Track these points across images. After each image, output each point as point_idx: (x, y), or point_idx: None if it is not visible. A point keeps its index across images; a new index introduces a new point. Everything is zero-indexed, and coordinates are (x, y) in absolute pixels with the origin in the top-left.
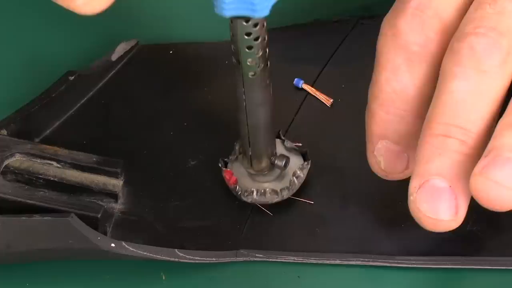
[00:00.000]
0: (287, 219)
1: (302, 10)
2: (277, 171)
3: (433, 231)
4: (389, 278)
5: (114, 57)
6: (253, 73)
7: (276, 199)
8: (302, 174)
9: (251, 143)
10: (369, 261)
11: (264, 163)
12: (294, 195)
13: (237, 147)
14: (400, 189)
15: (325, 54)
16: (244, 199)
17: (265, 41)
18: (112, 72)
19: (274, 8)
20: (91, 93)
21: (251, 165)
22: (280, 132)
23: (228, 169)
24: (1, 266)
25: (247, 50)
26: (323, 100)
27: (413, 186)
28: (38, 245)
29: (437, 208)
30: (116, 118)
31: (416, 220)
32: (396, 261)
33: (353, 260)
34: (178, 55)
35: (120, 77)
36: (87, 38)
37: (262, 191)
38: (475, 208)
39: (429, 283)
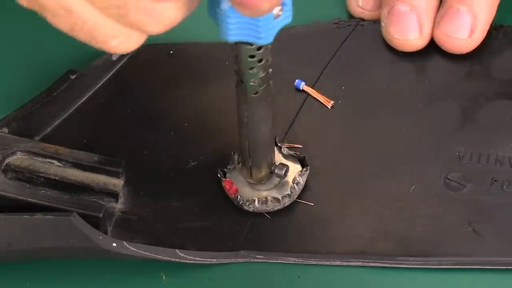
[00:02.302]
0: (287, 221)
1: (302, 12)
2: (276, 179)
3: (403, 50)
4: (389, 278)
5: (114, 57)
6: (255, 92)
7: (278, 206)
8: (302, 181)
9: (251, 155)
10: (369, 262)
11: (264, 173)
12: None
13: (235, 157)
14: (400, 189)
15: (326, 56)
16: (246, 208)
17: (268, 63)
18: (113, 72)
19: None
20: (92, 92)
21: (251, 175)
22: (276, 139)
23: (228, 179)
24: (1, 265)
25: (250, 71)
26: (323, 102)
27: (382, 14)
28: (40, 243)
29: (403, 29)
30: (117, 117)
31: (389, 43)
32: (396, 261)
33: (353, 261)
34: (178, 55)
35: (120, 76)
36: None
37: (264, 199)
38: (475, 208)
39: (429, 284)
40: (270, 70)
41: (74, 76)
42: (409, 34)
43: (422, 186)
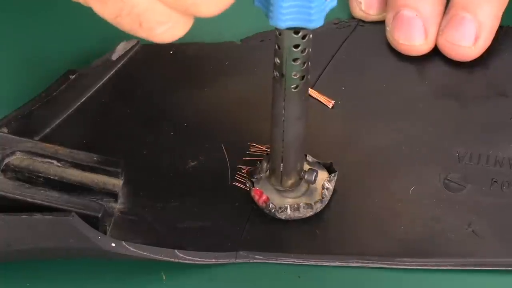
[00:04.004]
0: (286, 221)
1: None
2: (304, 187)
3: (409, 55)
4: (389, 279)
5: (114, 57)
6: (295, 86)
7: (310, 212)
8: (331, 186)
9: (284, 159)
10: (368, 262)
11: (294, 179)
12: None
13: (264, 165)
14: (399, 190)
15: (325, 57)
16: (279, 216)
17: (310, 54)
18: (112, 72)
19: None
20: (91, 92)
21: (281, 181)
22: None
23: (257, 188)
24: (1, 266)
25: (293, 62)
26: (324, 102)
27: (387, 19)
28: (39, 243)
29: (409, 34)
30: (116, 117)
31: (394, 48)
32: (395, 262)
33: (353, 262)
34: (178, 55)
35: (120, 76)
36: (88, 37)
37: (296, 206)
38: (474, 209)
39: (428, 284)
40: (309, 63)
41: (74, 76)
42: (414, 40)
43: (421, 186)
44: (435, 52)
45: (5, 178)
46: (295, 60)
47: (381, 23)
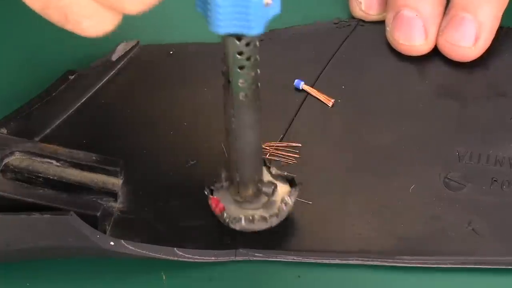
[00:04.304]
0: (286, 219)
1: (302, 12)
2: (264, 199)
3: (409, 55)
4: (389, 277)
5: (114, 57)
6: (244, 95)
7: (265, 226)
8: (290, 201)
9: (238, 169)
10: (368, 260)
11: (251, 190)
12: None
13: (223, 175)
14: (399, 188)
15: (325, 56)
16: (232, 226)
17: (257, 62)
18: (112, 72)
19: None
20: (91, 92)
21: (238, 191)
22: (266, 160)
23: (215, 197)
24: (1, 266)
25: (238, 70)
26: (323, 101)
27: (387, 19)
28: (38, 243)
29: (409, 34)
30: (116, 117)
31: (394, 48)
32: (395, 260)
33: (352, 260)
34: (178, 55)
35: (120, 77)
36: (87, 37)
37: (250, 218)
38: (474, 208)
39: (428, 283)
40: (258, 70)
41: (74, 77)
42: (415, 40)
43: (421, 185)
44: (435, 52)
45: (5, 178)
46: (241, 68)
47: (381, 23)
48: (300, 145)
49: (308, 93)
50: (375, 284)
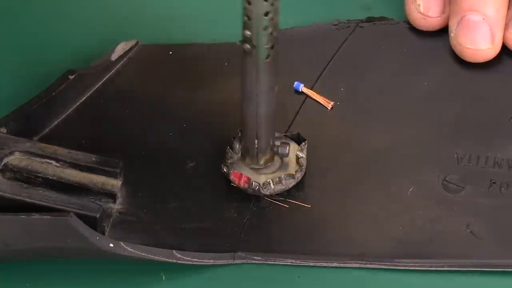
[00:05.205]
0: (285, 222)
1: (302, 13)
2: (278, 162)
3: (474, 61)
4: (387, 280)
5: (113, 57)
6: (266, 56)
7: (292, 183)
8: (304, 155)
9: (258, 136)
10: (366, 263)
11: (268, 155)
12: (291, 198)
13: (236, 146)
14: (398, 191)
15: (325, 58)
16: (263, 192)
17: (278, 22)
18: (112, 72)
19: None
20: (91, 92)
21: (256, 159)
22: None
23: (235, 171)
24: (1, 266)
25: (263, 31)
26: (323, 103)
27: (451, 24)
28: (37, 243)
29: (475, 39)
30: (115, 118)
31: (458, 53)
32: (394, 263)
33: (351, 263)
34: (178, 56)
35: (119, 77)
36: (87, 37)
37: (277, 179)
38: (473, 211)
39: (426, 286)
40: (277, 31)
41: (73, 76)
42: (481, 44)
43: (420, 188)
44: (434, 53)
45: (4, 178)
46: (265, 28)
47: (381, 24)
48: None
49: (307, 96)
50: (375, 286)
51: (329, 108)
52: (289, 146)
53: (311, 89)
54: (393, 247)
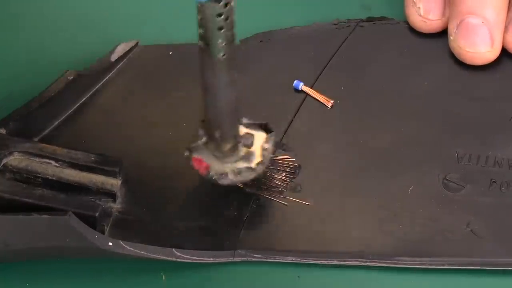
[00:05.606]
0: (285, 220)
1: (301, 13)
2: (242, 151)
3: (474, 64)
4: (388, 278)
5: (113, 57)
6: (222, 54)
7: (252, 175)
8: (269, 146)
9: (218, 126)
10: (366, 261)
11: (231, 144)
12: (292, 196)
13: (200, 132)
14: (398, 189)
15: (325, 57)
16: (221, 182)
17: (233, 22)
18: (112, 73)
19: (274, 11)
20: (90, 93)
21: (219, 148)
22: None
23: (196, 157)
24: (1, 266)
25: (218, 31)
26: (323, 102)
27: (451, 27)
28: (36, 243)
29: (474, 42)
30: (115, 118)
31: (458, 56)
32: (394, 261)
33: (351, 261)
34: (178, 56)
35: (119, 77)
36: (87, 38)
37: (237, 170)
38: (473, 209)
39: (426, 284)
40: (235, 30)
41: (73, 77)
42: (480, 47)
43: (420, 186)
44: (434, 52)
45: (3, 178)
46: (220, 28)
47: (381, 24)
48: (294, 159)
49: (307, 94)
50: (375, 285)
51: (329, 107)
52: (253, 138)
53: (311, 87)
54: (393, 246)
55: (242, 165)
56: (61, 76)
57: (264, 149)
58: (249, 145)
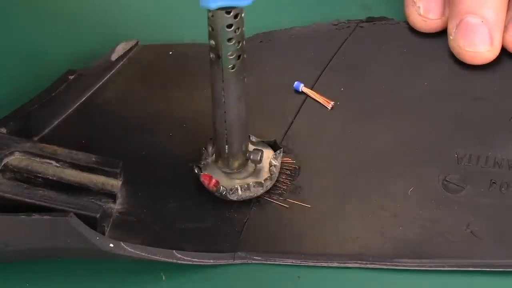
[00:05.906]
0: (285, 222)
1: (301, 13)
2: (251, 167)
3: (473, 64)
4: (387, 280)
5: (114, 57)
6: (232, 66)
7: (261, 191)
8: (278, 163)
9: (228, 141)
10: (366, 263)
11: (240, 160)
12: (292, 198)
13: (210, 149)
14: (398, 191)
15: (325, 58)
16: (230, 197)
17: (243, 33)
18: (112, 72)
19: (274, 11)
20: (91, 92)
21: (228, 164)
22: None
23: (205, 173)
24: (1, 266)
25: (227, 43)
26: (323, 103)
27: (450, 27)
28: (37, 243)
29: (474, 41)
30: (115, 118)
31: (457, 56)
32: (394, 263)
33: (351, 263)
34: (178, 56)
35: (119, 77)
36: (87, 37)
37: (246, 186)
38: (473, 210)
39: (426, 286)
40: (244, 42)
41: (73, 76)
42: (480, 47)
43: (420, 187)
44: (434, 52)
45: (4, 178)
46: (229, 40)
47: (381, 24)
48: (294, 161)
49: (307, 95)
50: (375, 285)
51: (329, 108)
52: (262, 153)
53: (311, 89)
54: (393, 247)
55: (250, 180)
56: (62, 76)
57: (272, 165)
58: (258, 162)
